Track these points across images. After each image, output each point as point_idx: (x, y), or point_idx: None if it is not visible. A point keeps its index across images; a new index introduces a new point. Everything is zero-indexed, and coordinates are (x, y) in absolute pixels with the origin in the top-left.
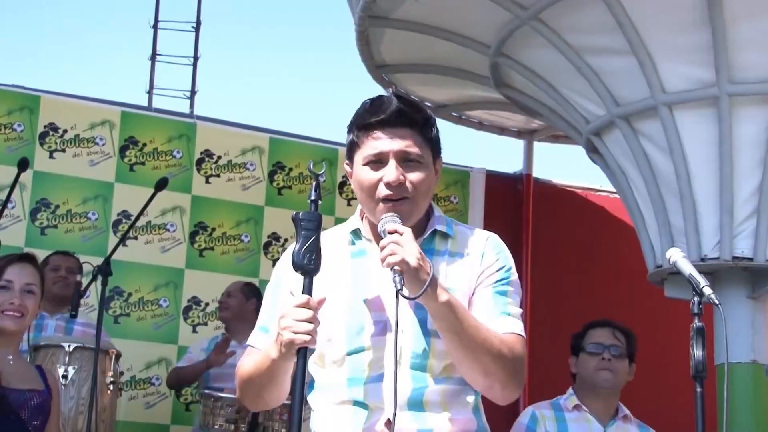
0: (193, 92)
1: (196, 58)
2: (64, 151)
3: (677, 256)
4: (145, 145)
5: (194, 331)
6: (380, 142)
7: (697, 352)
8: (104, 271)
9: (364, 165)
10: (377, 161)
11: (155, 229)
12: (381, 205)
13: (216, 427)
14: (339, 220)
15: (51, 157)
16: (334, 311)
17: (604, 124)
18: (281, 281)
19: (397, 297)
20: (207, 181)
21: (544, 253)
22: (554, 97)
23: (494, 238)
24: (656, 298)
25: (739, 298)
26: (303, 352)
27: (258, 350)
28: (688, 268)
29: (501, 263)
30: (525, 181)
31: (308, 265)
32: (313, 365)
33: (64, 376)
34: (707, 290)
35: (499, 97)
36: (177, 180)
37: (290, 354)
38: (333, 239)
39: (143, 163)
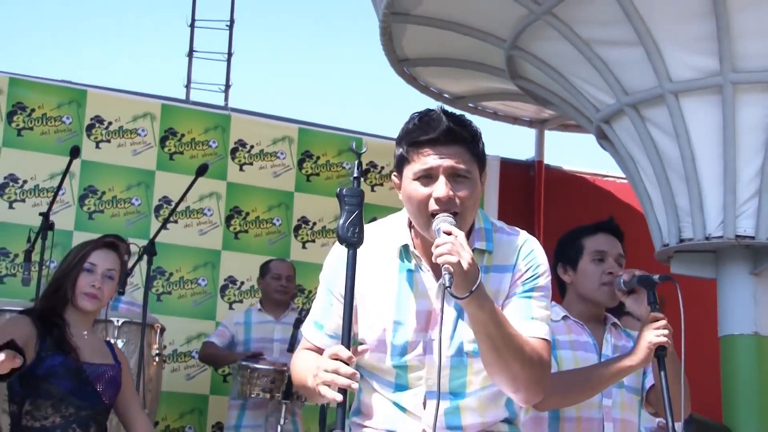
0: (227, 86)
1: (230, 54)
2: (109, 141)
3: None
4: (183, 135)
5: (231, 308)
6: (430, 158)
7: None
8: (149, 251)
9: (414, 180)
10: (427, 176)
11: (194, 214)
12: (431, 219)
13: (252, 396)
14: (365, 207)
15: (97, 147)
16: (381, 327)
17: (614, 112)
18: (333, 287)
19: (443, 293)
20: (241, 169)
21: (555, 235)
22: (566, 87)
23: (527, 246)
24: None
25: (741, 274)
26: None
27: (311, 346)
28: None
29: (531, 271)
30: (537, 168)
31: (352, 238)
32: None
33: None
34: None
35: (512, 88)
36: (213, 168)
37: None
38: (383, 250)
39: (182, 153)
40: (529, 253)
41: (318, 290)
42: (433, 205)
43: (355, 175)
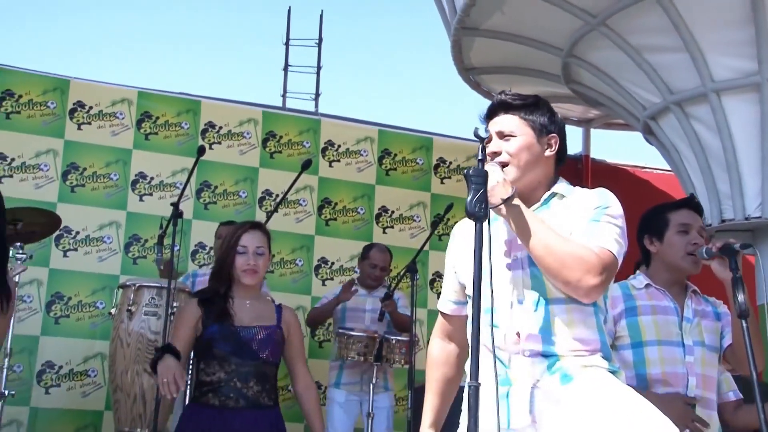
0: (317, 95)
1: (319, 67)
2: (220, 143)
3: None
4: (281, 137)
5: (323, 284)
6: (492, 123)
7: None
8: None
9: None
10: (488, 142)
11: (291, 204)
12: None
13: (349, 358)
14: (434, 196)
15: (210, 148)
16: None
17: (660, 110)
18: (447, 260)
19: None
20: (330, 165)
21: None
22: (616, 89)
23: (601, 189)
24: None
25: None
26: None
27: (446, 315)
28: None
29: (598, 203)
30: (584, 161)
31: (479, 213)
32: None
33: None
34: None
35: (563, 91)
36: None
37: None
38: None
39: (280, 152)
40: (602, 193)
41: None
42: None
43: (480, 157)
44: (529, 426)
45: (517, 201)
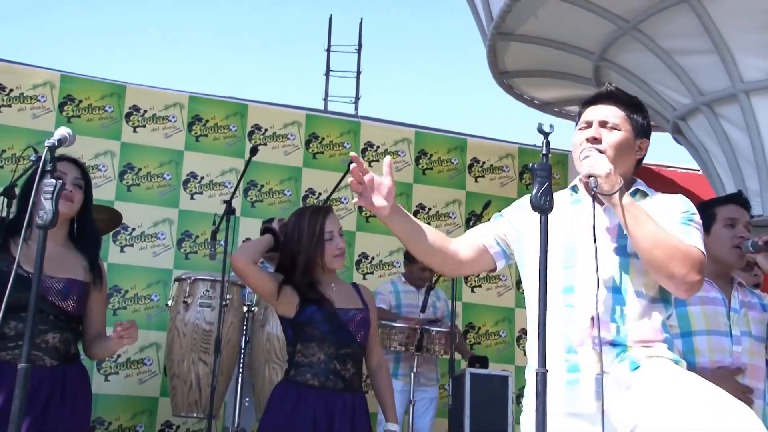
0: (357, 98)
1: (358, 72)
2: (265, 144)
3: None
4: (323, 139)
5: (364, 278)
6: (591, 113)
7: None
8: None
9: (579, 130)
10: (587, 125)
11: (333, 202)
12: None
13: (392, 348)
14: (468, 194)
15: (256, 149)
16: (556, 240)
17: (689, 110)
18: (505, 212)
19: (594, 198)
20: (369, 165)
21: None
22: (646, 90)
23: (682, 196)
24: None
25: None
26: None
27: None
28: None
29: (685, 208)
30: None
31: (544, 205)
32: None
33: None
34: None
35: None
36: (347, 165)
37: None
38: (563, 193)
39: (322, 153)
40: (684, 200)
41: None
42: (583, 144)
43: (544, 152)
44: (597, 411)
45: (627, 196)
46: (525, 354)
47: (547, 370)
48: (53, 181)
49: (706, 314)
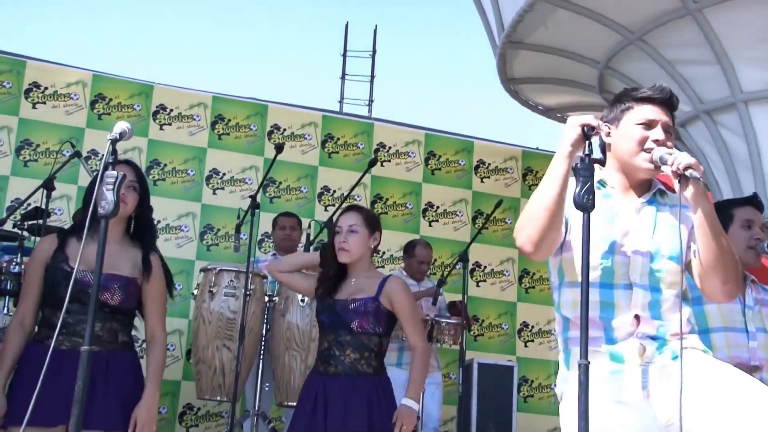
0: (370, 101)
1: (372, 76)
2: (284, 143)
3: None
4: (338, 139)
5: None
6: (654, 112)
7: None
8: (329, 226)
9: (637, 124)
10: (648, 124)
11: (348, 200)
12: (646, 154)
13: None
14: (475, 193)
15: (281, 147)
16: (597, 236)
17: (689, 117)
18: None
19: (686, 185)
20: (382, 165)
21: None
22: None
23: None
24: None
25: None
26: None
27: None
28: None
29: None
30: None
31: (586, 204)
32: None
33: (302, 300)
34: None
35: (595, 100)
36: (361, 164)
37: None
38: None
39: (338, 152)
40: None
41: None
42: (650, 144)
43: (586, 152)
44: (642, 400)
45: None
46: (556, 345)
47: (589, 362)
48: (115, 173)
49: (722, 312)
